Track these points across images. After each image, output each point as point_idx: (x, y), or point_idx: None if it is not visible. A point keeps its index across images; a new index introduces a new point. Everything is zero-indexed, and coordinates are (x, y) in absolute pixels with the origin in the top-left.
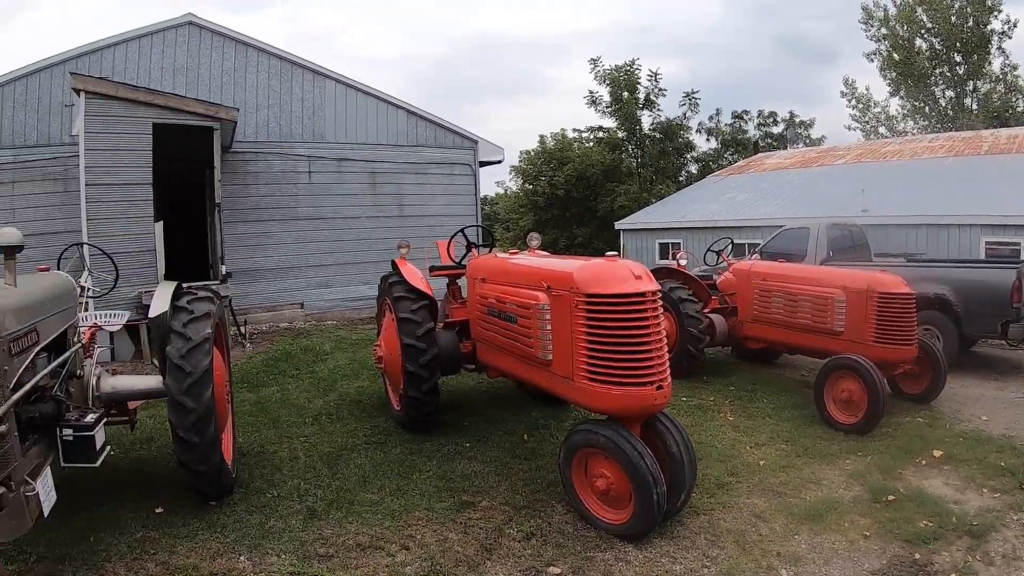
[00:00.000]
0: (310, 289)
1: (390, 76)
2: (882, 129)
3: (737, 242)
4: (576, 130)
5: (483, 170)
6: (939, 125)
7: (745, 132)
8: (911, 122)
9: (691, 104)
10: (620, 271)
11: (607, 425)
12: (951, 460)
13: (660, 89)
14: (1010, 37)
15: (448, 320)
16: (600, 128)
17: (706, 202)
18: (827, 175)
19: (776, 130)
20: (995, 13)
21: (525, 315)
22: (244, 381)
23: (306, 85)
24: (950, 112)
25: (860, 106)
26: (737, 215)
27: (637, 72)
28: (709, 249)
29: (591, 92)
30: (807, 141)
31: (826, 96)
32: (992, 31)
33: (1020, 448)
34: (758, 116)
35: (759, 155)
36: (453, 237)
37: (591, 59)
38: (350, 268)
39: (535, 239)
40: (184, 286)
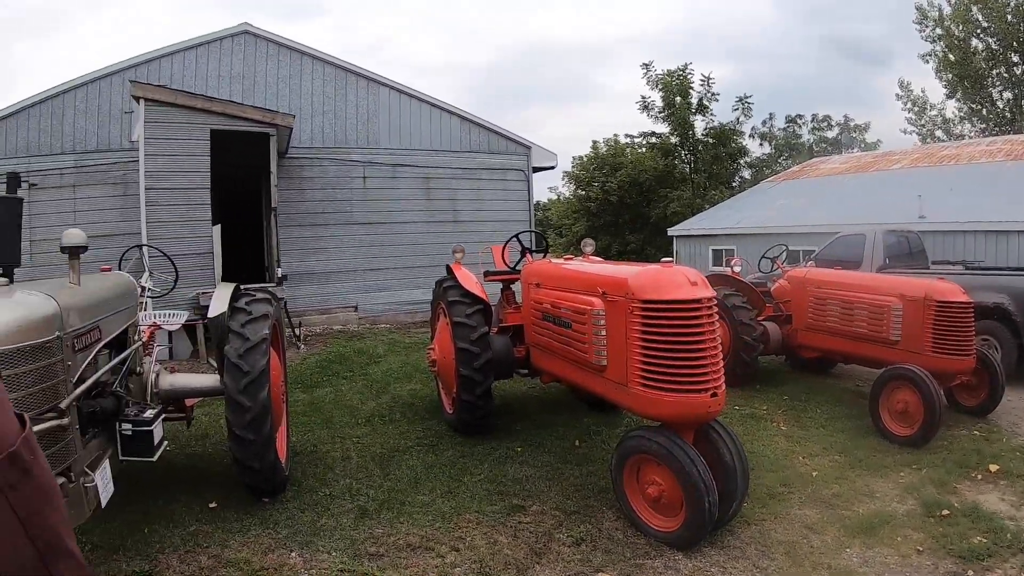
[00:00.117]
0: (364, 292)
1: (440, 83)
2: (939, 132)
3: (792, 249)
4: (629, 135)
5: (536, 176)
6: (997, 128)
7: (799, 136)
8: (968, 125)
9: (744, 109)
10: (676, 277)
11: (660, 432)
12: (1007, 475)
13: (713, 94)
14: None
15: (502, 325)
16: (653, 133)
17: (760, 208)
18: (883, 180)
19: (830, 134)
20: None
21: (580, 320)
22: (298, 382)
23: (360, 92)
24: (1008, 114)
25: (916, 109)
26: (791, 221)
27: (689, 76)
28: (764, 256)
29: (643, 97)
30: (862, 145)
31: (881, 99)
32: None
33: None
34: (812, 120)
35: (813, 160)
36: (508, 242)
37: (643, 64)
38: (403, 272)
39: (589, 245)
40: (242, 288)
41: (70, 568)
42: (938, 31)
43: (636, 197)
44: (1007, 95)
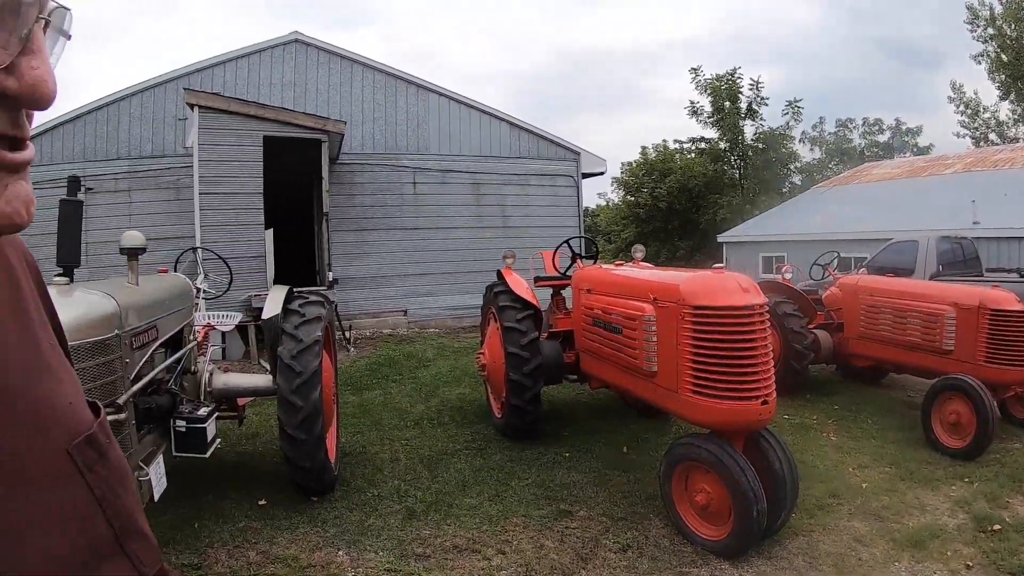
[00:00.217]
0: (413, 297)
1: (487, 91)
2: (992, 135)
3: (843, 256)
4: (678, 141)
5: (584, 182)
6: None
7: (850, 141)
8: (1023, 127)
9: (794, 113)
10: (727, 283)
11: (710, 439)
12: None
13: (762, 98)
14: None
15: (552, 330)
16: (702, 139)
17: (810, 214)
18: (936, 185)
19: (882, 138)
20: None
21: (631, 326)
22: (348, 384)
23: (410, 99)
24: None
25: (968, 111)
26: (843, 228)
27: (738, 81)
28: (815, 263)
29: (692, 102)
30: (914, 149)
31: (933, 101)
32: None
33: None
34: (863, 124)
35: (865, 165)
36: (558, 248)
37: (692, 69)
38: (453, 277)
39: (640, 251)
40: (296, 290)
41: (143, 549)
42: (990, 31)
43: (685, 203)
44: None
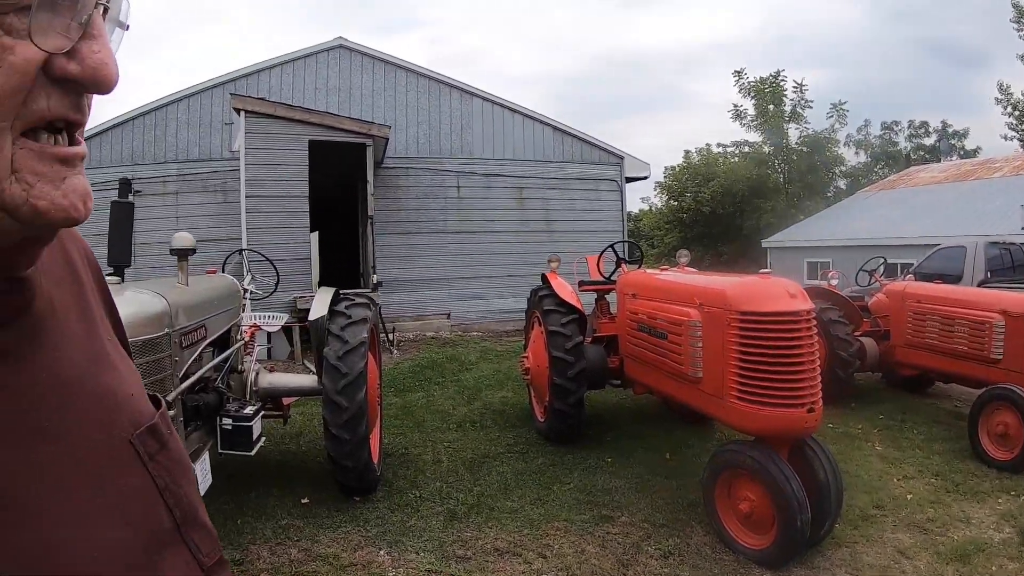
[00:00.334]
0: (457, 300)
1: (530, 94)
2: None
3: (890, 261)
4: (721, 145)
5: (627, 186)
6: None
7: (895, 144)
8: None
9: (839, 116)
10: (774, 289)
11: (755, 446)
12: None
13: (806, 101)
14: None
15: (596, 335)
16: (745, 142)
17: (856, 219)
18: (984, 189)
19: (928, 141)
20: None
21: (676, 331)
22: (391, 386)
23: (454, 103)
24: None
25: (1016, 113)
26: (889, 233)
27: (782, 84)
28: (861, 269)
29: (735, 105)
30: (961, 153)
31: (979, 103)
32: None
33: None
34: (908, 127)
35: (911, 169)
36: (603, 253)
37: (735, 71)
38: (497, 281)
39: (685, 256)
40: (342, 293)
41: (203, 539)
42: None
43: (729, 208)
44: None
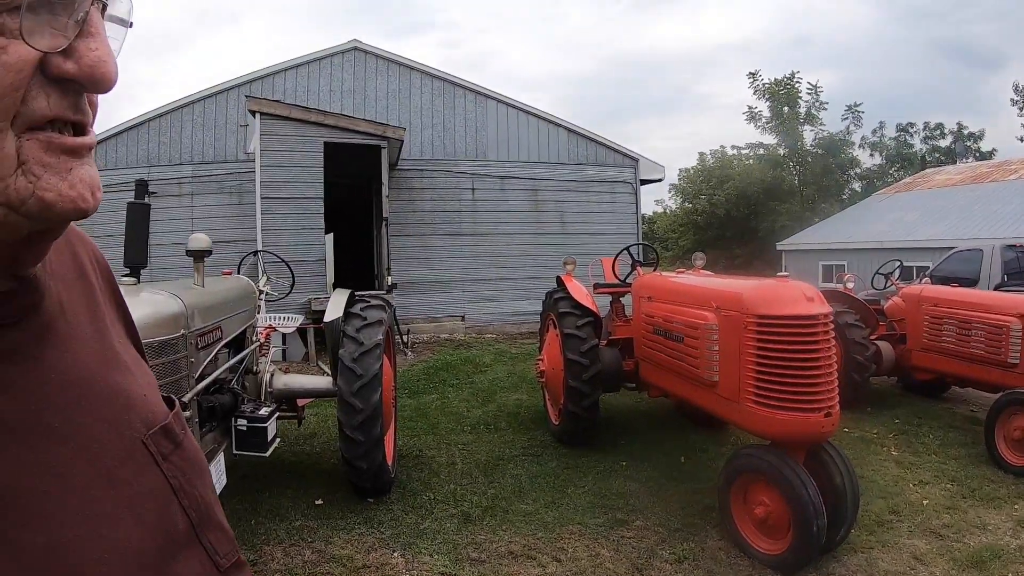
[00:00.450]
0: (471, 302)
1: (544, 97)
2: None
3: (906, 264)
4: (735, 147)
5: (642, 188)
6: None
7: (911, 146)
8: None
9: (854, 118)
10: (792, 292)
11: (771, 451)
12: None
13: (821, 103)
14: None
15: (611, 338)
16: (760, 145)
17: (871, 222)
18: (1000, 192)
19: (944, 143)
20: None
21: (692, 335)
22: (405, 388)
23: (468, 105)
24: None
25: None
26: (905, 236)
27: (797, 85)
28: (877, 272)
29: (750, 107)
30: (977, 155)
31: (995, 104)
32: None
33: None
34: (924, 129)
35: (926, 171)
36: (618, 255)
37: (749, 73)
38: (511, 283)
39: (700, 258)
40: (357, 294)
41: (220, 540)
42: None
43: (743, 210)
44: None
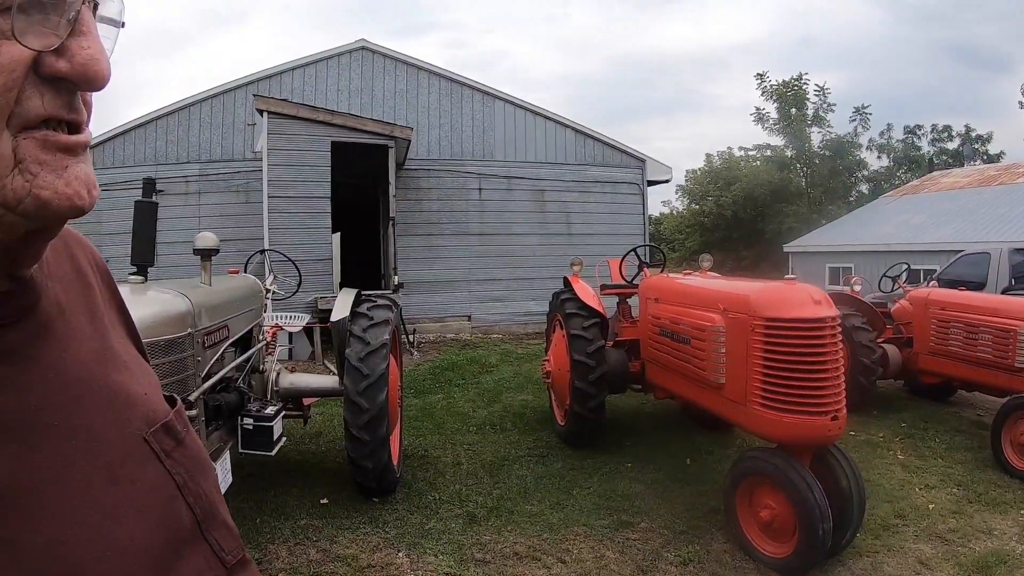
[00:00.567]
0: (478, 302)
1: (550, 97)
2: None
3: (913, 267)
4: (743, 148)
5: (648, 189)
6: None
7: (918, 149)
8: None
9: (861, 120)
10: (799, 295)
11: (777, 454)
12: None
13: (829, 104)
14: None
15: (618, 339)
16: (768, 146)
17: (878, 224)
18: (1008, 194)
19: (951, 146)
20: None
21: (699, 337)
22: (411, 387)
23: (475, 105)
24: None
25: None
26: (912, 238)
27: (804, 87)
28: (884, 275)
29: (757, 109)
30: (985, 157)
31: (1003, 107)
32: None
33: None
34: (931, 131)
35: (934, 173)
36: (625, 256)
37: (757, 74)
38: (517, 283)
39: (707, 260)
40: (364, 294)
41: (225, 537)
42: None
43: (750, 212)
44: None
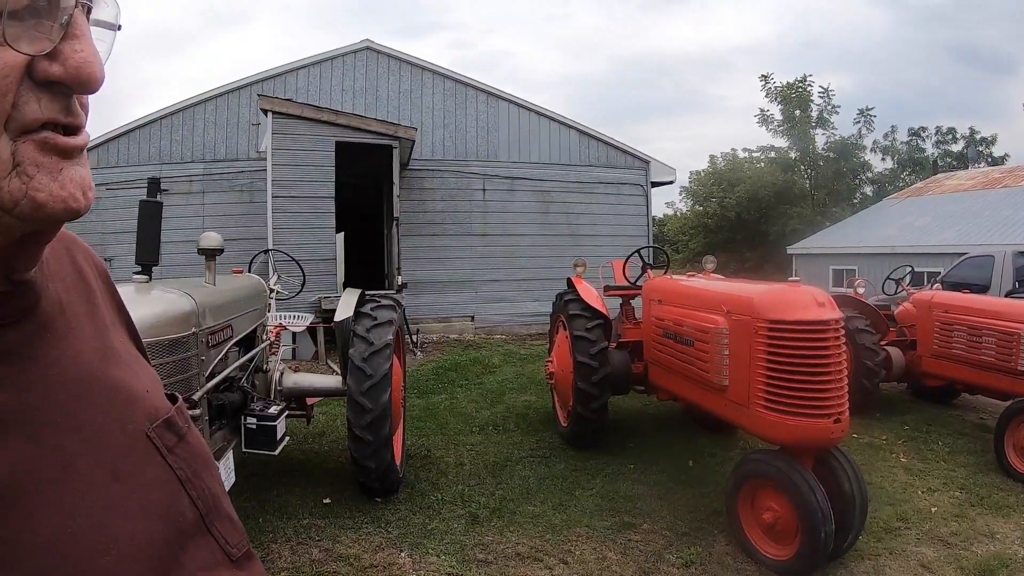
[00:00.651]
0: (481, 303)
1: (554, 98)
2: None
3: (917, 270)
4: (747, 150)
5: (652, 190)
6: None
7: (923, 151)
8: None
9: (866, 122)
10: (803, 297)
11: (779, 456)
12: None
13: (833, 106)
14: None
15: (621, 340)
16: (772, 148)
17: (883, 227)
18: (1013, 197)
19: (955, 148)
20: None
21: (702, 339)
22: (414, 388)
23: (479, 106)
24: None
25: None
26: (916, 241)
27: (809, 88)
28: (888, 277)
29: (761, 110)
30: (989, 160)
31: (1008, 109)
32: None
33: None
34: (936, 133)
35: (938, 176)
36: (629, 257)
37: (762, 75)
38: (521, 284)
39: (711, 262)
40: (368, 294)
41: (230, 531)
42: None
43: (754, 214)
44: None
